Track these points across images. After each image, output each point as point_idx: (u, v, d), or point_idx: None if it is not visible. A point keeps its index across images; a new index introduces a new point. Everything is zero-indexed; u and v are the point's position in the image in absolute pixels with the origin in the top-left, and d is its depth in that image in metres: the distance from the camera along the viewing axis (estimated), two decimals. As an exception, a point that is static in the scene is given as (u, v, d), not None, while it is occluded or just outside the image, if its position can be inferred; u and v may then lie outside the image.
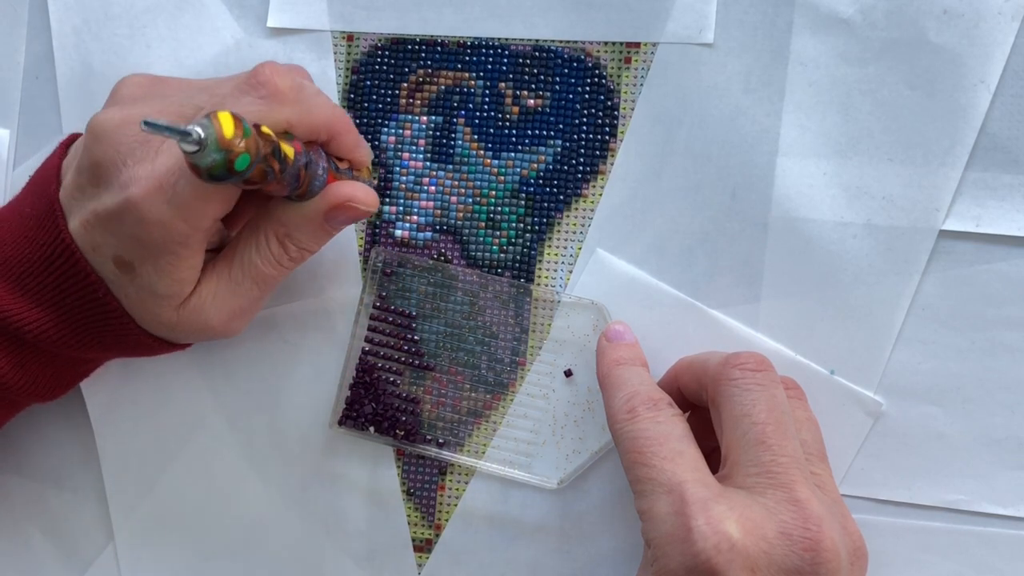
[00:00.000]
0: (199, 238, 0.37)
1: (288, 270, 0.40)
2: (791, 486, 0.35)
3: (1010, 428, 0.42)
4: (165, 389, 0.46)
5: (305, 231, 0.39)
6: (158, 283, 0.37)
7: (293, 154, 0.36)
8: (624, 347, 0.41)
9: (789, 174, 0.43)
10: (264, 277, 0.40)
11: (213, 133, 0.31)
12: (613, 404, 0.39)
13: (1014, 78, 0.42)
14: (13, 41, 0.48)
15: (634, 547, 0.44)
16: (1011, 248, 0.42)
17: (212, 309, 0.39)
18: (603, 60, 0.45)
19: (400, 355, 0.45)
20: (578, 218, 0.45)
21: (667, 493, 0.35)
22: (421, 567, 0.45)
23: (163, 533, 0.46)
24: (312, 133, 0.38)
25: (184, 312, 0.39)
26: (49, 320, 0.39)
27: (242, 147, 0.31)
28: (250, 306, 0.41)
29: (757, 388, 0.37)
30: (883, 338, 0.43)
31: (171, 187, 0.35)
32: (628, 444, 0.37)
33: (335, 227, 0.40)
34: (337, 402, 0.45)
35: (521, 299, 0.45)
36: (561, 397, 0.44)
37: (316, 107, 0.38)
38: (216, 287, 0.39)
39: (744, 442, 0.36)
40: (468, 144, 0.45)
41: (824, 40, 0.43)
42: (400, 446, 0.45)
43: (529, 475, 0.44)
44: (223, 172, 0.31)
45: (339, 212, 0.39)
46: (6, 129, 0.48)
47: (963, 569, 0.42)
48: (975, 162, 0.42)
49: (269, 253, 0.39)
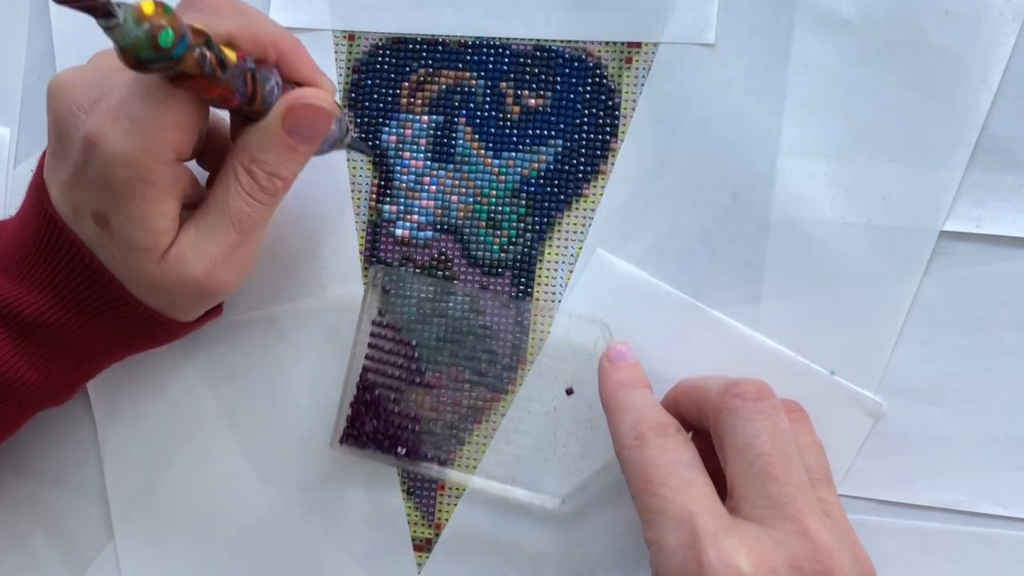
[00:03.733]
0: (164, 175, 0.36)
1: (264, 206, 0.39)
2: (799, 517, 0.34)
3: (1010, 429, 0.42)
4: (165, 389, 0.46)
5: (268, 150, 0.38)
6: (133, 234, 0.37)
7: (236, 58, 0.35)
8: (627, 368, 0.40)
9: (790, 174, 0.43)
10: (240, 215, 0.38)
11: (131, 9, 0.31)
12: (620, 429, 0.38)
13: (1015, 79, 0.42)
14: (14, 40, 0.48)
15: (634, 534, 0.44)
16: (1012, 249, 0.42)
17: (192, 258, 0.38)
18: (604, 60, 0.45)
19: (401, 372, 0.45)
20: (579, 218, 0.45)
21: (677, 525, 0.34)
22: (421, 567, 0.45)
23: (163, 532, 0.46)
24: (257, 47, 0.38)
25: (165, 265, 0.38)
26: (45, 302, 0.39)
27: (164, 21, 0.31)
28: (231, 251, 0.39)
29: (759, 417, 0.36)
30: (883, 339, 0.43)
31: (125, 115, 0.35)
32: (636, 472, 0.37)
33: (300, 142, 0.38)
34: (338, 420, 0.44)
35: (522, 312, 0.44)
36: (562, 414, 0.44)
37: (259, 20, 0.38)
38: (195, 236, 0.38)
39: (749, 474, 0.35)
40: (469, 143, 0.45)
41: (825, 40, 0.43)
42: (401, 465, 0.45)
43: (532, 493, 0.44)
44: (149, 51, 0.31)
45: (295, 117, 0.37)
46: (7, 128, 0.48)
47: (963, 570, 0.42)
48: (976, 163, 0.42)
49: (239, 187, 0.38)
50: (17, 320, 0.39)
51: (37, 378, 0.40)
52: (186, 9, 0.37)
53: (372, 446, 0.44)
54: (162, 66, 0.32)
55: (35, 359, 0.40)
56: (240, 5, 0.38)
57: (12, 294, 0.39)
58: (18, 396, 0.40)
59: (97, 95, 0.36)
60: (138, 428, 0.46)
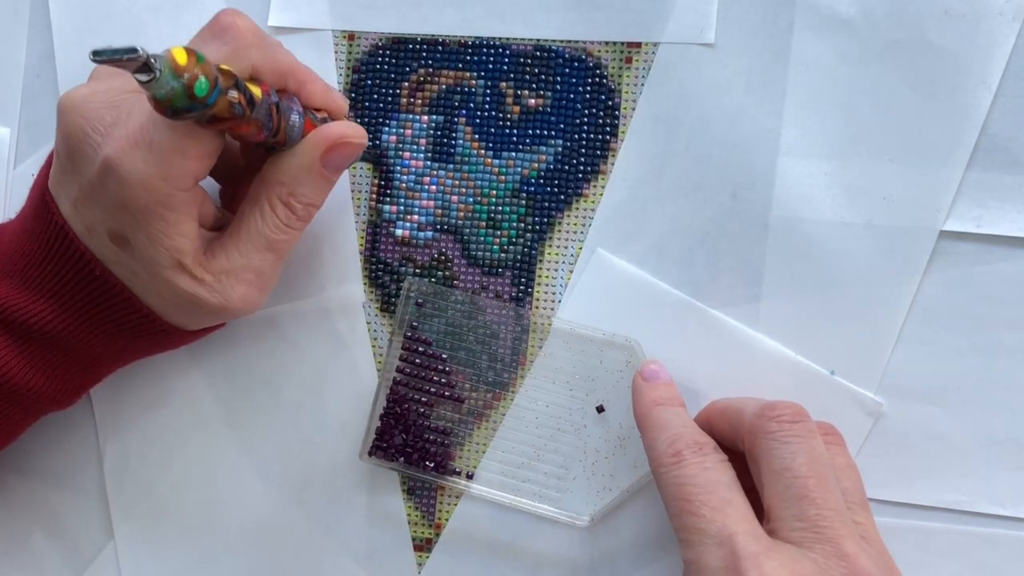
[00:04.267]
0: (183, 199, 0.37)
1: (298, 231, 0.40)
2: (838, 540, 0.34)
3: (1010, 429, 0.42)
4: (166, 389, 0.46)
5: (306, 183, 0.39)
6: (156, 255, 0.37)
7: (261, 93, 0.36)
8: (662, 387, 0.41)
9: (790, 174, 0.43)
10: (278, 244, 0.40)
11: (167, 61, 0.31)
12: (656, 447, 0.38)
13: (1015, 79, 0.42)
14: (14, 40, 0.48)
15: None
16: (1012, 249, 0.42)
17: (230, 283, 0.39)
18: (604, 60, 0.45)
19: (432, 386, 0.45)
20: (579, 218, 0.45)
21: (717, 545, 0.34)
22: (421, 566, 0.45)
23: (163, 532, 0.46)
24: (279, 78, 0.38)
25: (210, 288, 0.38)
26: (52, 310, 0.39)
27: (198, 71, 0.32)
28: (269, 275, 0.40)
29: (796, 440, 0.36)
30: (883, 338, 0.43)
31: (146, 143, 0.35)
32: (674, 491, 0.36)
33: (333, 172, 0.40)
34: (368, 432, 0.44)
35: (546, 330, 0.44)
36: (593, 433, 0.44)
37: (280, 52, 0.39)
38: (231, 260, 0.39)
39: (787, 496, 0.35)
40: (469, 143, 0.45)
41: (825, 40, 0.43)
42: (430, 479, 0.44)
43: (559, 511, 0.43)
44: (185, 101, 0.32)
45: (334, 152, 0.39)
46: (7, 128, 0.48)
47: (963, 570, 0.42)
48: (976, 163, 0.42)
49: (276, 219, 0.39)
50: (22, 326, 0.39)
51: (42, 383, 0.40)
52: (211, 39, 0.37)
53: (401, 459, 0.44)
54: (197, 115, 0.33)
55: (40, 365, 0.40)
56: (261, 33, 0.38)
57: (18, 301, 0.39)
58: (23, 401, 0.40)
59: (114, 119, 0.36)
60: (138, 428, 0.46)
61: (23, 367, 0.39)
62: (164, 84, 0.31)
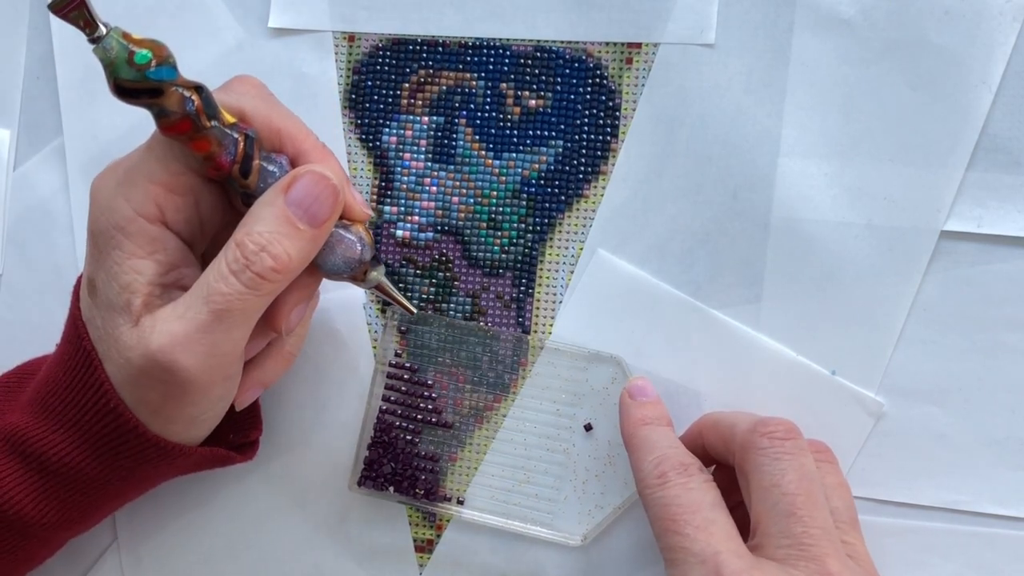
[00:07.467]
0: (142, 228, 0.35)
1: (246, 289, 0.35)
2: (823, 559, 0.34)
3: (1011, 428, 0.42)
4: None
5: (263, 220, 0.35)
6: (109, 291, 0.36)
7: (231, 119, 0.36)
8: (649, 406, 0.41)
9: (790, 174, 0.43)
10: (214, 293, 0.34)
11: (119, 29, 0.33)
12: (642, 468, 0.38)
13: (1015, 79, 0.42)
14: (14, 41, 0.48)
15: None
16: (1012, 249, 0.42)
17: (157, 328, 0.35)
18: (604, 60, 0.45)
19: (418, 413, 0.45)
20: (579, 218, 0.45)
21: (701, 564, 0.34)
22: (422, 567, 0.45)
23: (165, 533, 0.46)
24: (270, 134, 0.37)
25: (134, 334, 0.35)
26: (70, 442, 0.38)
27: (146, 46, 0.33)
28: (197, 332, 0.34)
29: (786, 457, 0.36)
30: (884, 338, 0.43)
31: (118, 166, 0.37)
32: (659, 511, 0.37)
33: (301, 216, 0.35)
34: (356, 463, 0.44)
35: (535, 351, 0.44)
36: (582, 451, 0.44)
37: (278, 108, 0.38)
38: (169, 309, 0.35)
39: (774, 513, 0.36)
40: (469, 144, 0.45)
41: (825, 41, 0.43)
42: (420, 506, 0.44)
43: (551, 532, 0.43)
44: (127, 70, 0.33)
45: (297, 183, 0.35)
46: (7, 129, 0.48)
47: (964, 570, 0.42)
48: (976, 163, 0.42)
49: (223, 262, 0.35)
50: (39, 459, 0.38)
51: (57, 518, 0.39)
52: (219, 92, 0.37)
53: (390, 488, 0.44)
54: (146, 99, 0.33)
55: (56, 500, 0.39)
56: (267, 94, 0.38)
57: (38, 432, 0.38)
58: (40, 535, 0.39)
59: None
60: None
61: (40, 503, 0.38)
62: (108, 47, 0.33)
